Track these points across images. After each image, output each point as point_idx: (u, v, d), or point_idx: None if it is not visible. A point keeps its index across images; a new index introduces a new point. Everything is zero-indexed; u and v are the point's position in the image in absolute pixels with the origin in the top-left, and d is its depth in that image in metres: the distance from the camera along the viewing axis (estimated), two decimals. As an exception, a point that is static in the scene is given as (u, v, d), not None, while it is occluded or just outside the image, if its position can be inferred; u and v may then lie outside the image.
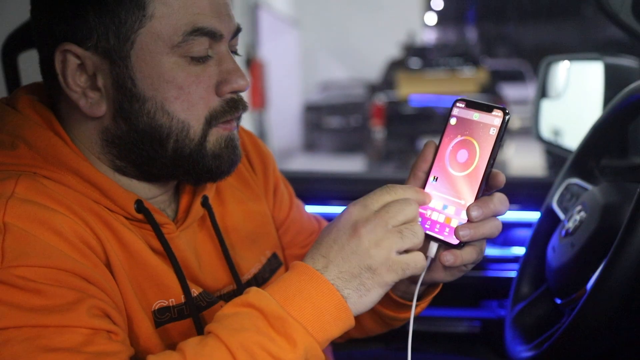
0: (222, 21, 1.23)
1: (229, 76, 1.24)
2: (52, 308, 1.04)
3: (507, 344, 1.63)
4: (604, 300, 1.28)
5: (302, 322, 1.06)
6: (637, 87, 1.53)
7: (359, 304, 1.10)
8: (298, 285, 1.09)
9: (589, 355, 1.78)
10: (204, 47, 1.21)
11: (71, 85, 1.20)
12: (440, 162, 1.21)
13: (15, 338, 1.01)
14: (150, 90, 1.20)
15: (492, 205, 1.17)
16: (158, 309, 1.24)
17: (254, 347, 1.03)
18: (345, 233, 1.11)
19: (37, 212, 1.10)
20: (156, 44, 1.19)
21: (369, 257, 1.09)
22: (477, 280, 2.49)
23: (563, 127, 2.72)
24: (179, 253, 1.29)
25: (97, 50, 1.19)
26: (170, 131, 1.22)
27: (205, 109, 1.23)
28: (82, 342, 1.04)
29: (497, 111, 1.17)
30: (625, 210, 1.34)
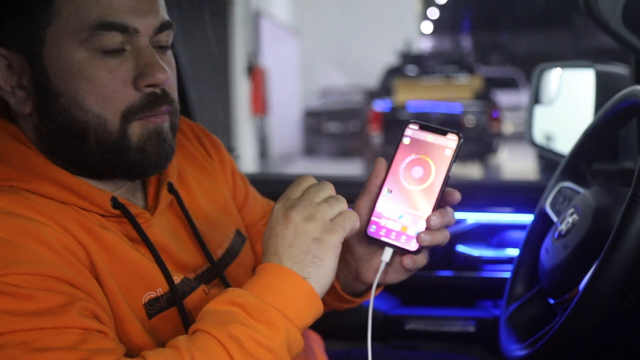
0: (138, 17, 1.22)
1: (146, 70, 1.22)
2: (44, 312, 1.05)
3: (502, 343, 1.63)
4: (596, 300, 1.28)
5: (279, 309, 1.10)
6: (628, 93, 1.53)
7: (320, 276, 1.15)
8: (268, 280, 1.14)
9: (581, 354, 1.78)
10: (116, 41, 1.20)
11: (2, 85, 1.22)
12: (394, 176, 1.29)
13: (11, 342, 1.02)
14: (63, 86, 1.20)
15: (448, 217, 1.25)
16: (148, 301, 1.25)
17: (240, 337, 1.07)
18: (280, 224, 1.17)
19: (21, 223, 1.11)
20: (64, 40, 1.19)
21: (309, 231, 1.15)
22: (472, 280, 2.50)
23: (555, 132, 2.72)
24: (157, 239, 1.31)
25: (18, 49, 1.20)
26: (87, 125, 1.21)
27: (122, 103, 1.22)
28: (78, 340, 1.05)
29: (452, 135, 1.26)
30: (616, 213, 1.34)
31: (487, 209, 2.55)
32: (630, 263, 1.25)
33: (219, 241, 1.48)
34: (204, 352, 1.06)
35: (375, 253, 1.35)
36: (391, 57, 17.00)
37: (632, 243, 1.24)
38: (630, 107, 1.54)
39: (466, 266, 2.51)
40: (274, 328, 1.09)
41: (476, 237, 2.54)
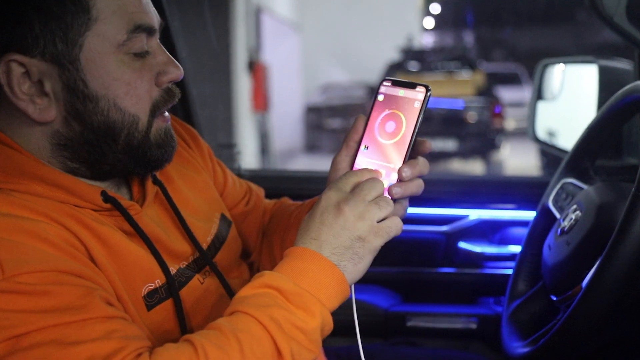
0: (152, 17, 1.27)
1: (166, 67, 1.28)
2: (66, 306, 1.06)
3: (504, 340, 1.63)
4: (599, 297, 1.28)
5: (315, 295, 1.15)
6: (631, 89, 1.53)
7: (354, 271, 1.20)
8: (302, 265, 1.17)
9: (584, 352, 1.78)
10: (143, 43, 1.25)
11: (17, 94, 1.19)
12: (370, 132, 1.32)
13: (41, 341, 1.03)
14: (102, 90, 1.22)
15: (419, 167, 1.27)
16: (147, 293, 1.26)
17: (280, 319, 1.11)
18: (330, 214, 1.20)
19: (20, 223, 1.11)
20: (103, 44, 1.21)
21: (356, 229, 1.19)
22: (474, 277, 2.50)
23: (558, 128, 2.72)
24: (149, 230, 1.32)
25: (44, 56, 1.19)
26: (123, 126, 1.25)
27: (150, 101, 1.28)
28: (107, 329, 1.07)
29: (420, 87, 1.29)
30: (619, 209, 1.33)
31: (489, 206, 2.55)
32: (634, 260, 1.25)
33: (206, 228, 1.50)
34: (247, 333, 1.10)
35: None
36: (393, 53, 17.00)
37: (635, 240, 1.24)
38: (634, 103, 1.53)
39: (468, 263, 2.51)
40: (310, 313, 1.13)
41: (478, 233, 2.54)
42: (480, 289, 2.50)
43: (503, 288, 1.90)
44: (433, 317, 2.42)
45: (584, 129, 1.74)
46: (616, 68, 2.34)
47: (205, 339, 1.08)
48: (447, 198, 1.81)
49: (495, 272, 2.49)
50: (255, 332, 1.10)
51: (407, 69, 15.36)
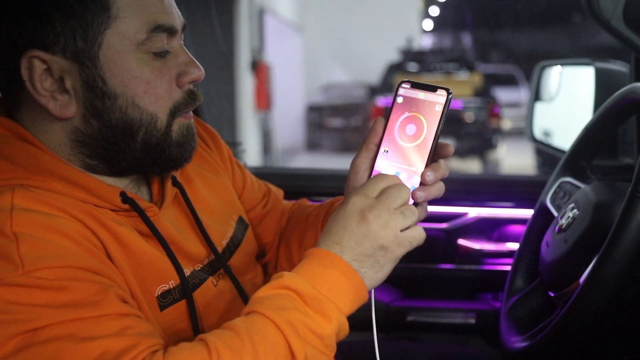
0: (174, 18, 1.26)
1: (187, 68, 1.27)
2: (82, 301, 1.06)
3: (502, 335, 1.63)
4: (596, 293, 1.28)
5: (334, 301, 1.13)
6: (628, 91, 1.53)
7: (374, 279, 1.18)
8: (322, 269, 1.15)
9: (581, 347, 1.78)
10: (163, 42, 1.24)
11: (39, 90, 1.20)
12: (390, 135, 1.30)
13: (57, 335, 1.03)
14: (121, 87, 1.22)
15: (441, 170, 1.25)
16: (161, 293, 1.26)
17: (296, 323, 1.10)
18: (354, 220, 1.18)
19: (41, 219, 1.11)
20: (123, 43, 1.20)
21: (380, 237, 1.17)
22: (473, 273, 2.50)
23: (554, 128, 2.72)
24: (166, 232, 1.32)
25: (64, 54, 1.19)
26: (141, 124, 1.24)
27: (170, 101, 1.27)
28: (121, 326, 1.07)
29: (441, 91, 1.26)
30: (616, 208, 1.34)
31: (488, 204, 2.55)
32: (631, 257, 1.25)
33: (223, 231, 1.48)
34: (262, 336, 1.09)
35: None
36: (393, 54, 16.98)
37: (632, 238, 1.25)
38: (630, 104, 1.54)
39: (467, 259, 2.51)
40: (327, 318, 1.12)
41: (477, 231, 2.54)
42: (479, 285, 2.50)
43: (501, 284, 1.90)
44: (432, 312, 2.42)
45: (581, 130, 1.75)
46: (612, 70, 2.35)
47: (220, 341, 1.08)
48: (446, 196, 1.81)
49: (494, 268, 2.49)
50: (270, 335, 1.09)
51: (406, 69, 15.37)
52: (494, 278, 2.47)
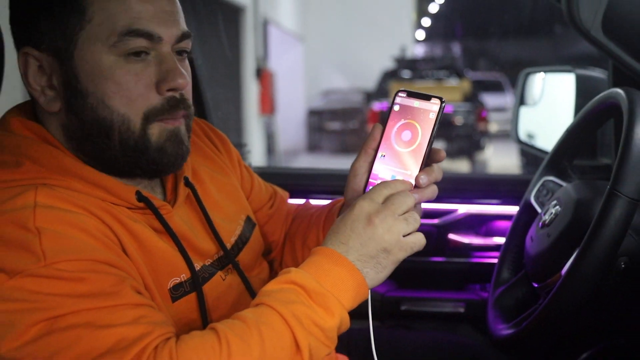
0: (163, 26, 1.22)
1: (168, 75, 1.22)
2: (99, 292, 1.06)
3: (489, 323, 1.63)
4: (577, 284, 1.28)
5: (337, 296, 1.13)
6: (606, 95, 1.53)
7: (375, 279, 1.18)
8: (327, 266, 1.16)
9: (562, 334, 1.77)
10: (141, 46, 1.21)
11: (32, 85, 1.22)
12: (387, 141, 1.29)
13: (75, 323, 1.03)
14: (91, 86, 1.20)
15: (434, 174, 1.26)
16: (173, 286, 1.26)
17: (301, 316, 1.10)
18: (360, 223, 1.18)
19: (62, 215, 1.11)
20: (95, 44, 1.19)
21: (384, 241, 1.17)
22: (462, 265, 2.50)
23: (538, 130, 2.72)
24: (178, 229, 1.31)
25: (49, 51, 1.20)
26: (112, 124, 1.21)
27: (144, 105, 1.22)
28: (136, 315, 1.07)
29: (435, 100, 1.26)
30: (595, 205, 1.34)
31: (476, 201, 2.55)
32: (609, 251, 1.25)
33: (231, 229, 1.48)
34: (269, 326, 1.09)
35: None
36: (388, 62, 16.99)
37: (610, 233, 1.25)
38: (608, 108, 1.54)
39: (457, 253, 2.51)
40: (330, 313, 1.12)
41: (466, 226, 2.54)
42: (468, 277, 2.50)
43: (489, 276, 1.90)
44: (425, 302, 2.42)
45: (563, 132, 1.74)
46: (592, 77, 2.34)
47: (229, 329, 1.08)
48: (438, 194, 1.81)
49: (482, 261, 2.49)
50: (276, 326, 1.09)
51: (400, 76, 15.40)
52: (482, 270, 2.47)
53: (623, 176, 1.25)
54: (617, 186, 1.25)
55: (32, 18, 1.20)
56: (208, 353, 1.04)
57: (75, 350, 1.02)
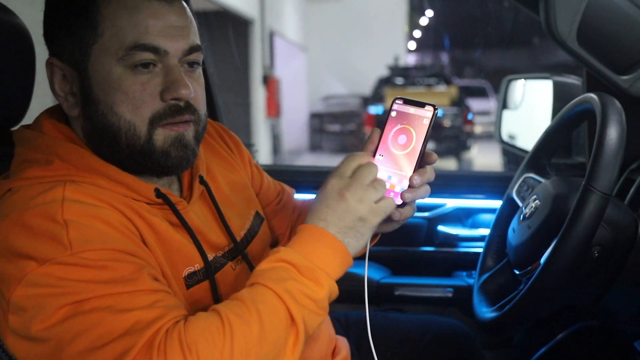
0: (169, 40, 1.21)
1: (172, 85, 1.21)
2: (120, 279, 1.06)
3: (475, 307, 1.63)
4: (554, 271, 1.28)
5: (324, 269, 1.14)
6: (581, 100, 1.52)
7: (357, 246, 1.19)
8: (312, 242, 1.16)
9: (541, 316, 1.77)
10: (148, 59, 1.20)
11: (57, 91, 1.23)
12: (384, 144, 1.28)
13: (98, 307, 1.03)
14: (102, 95, 1.20)
15: (427, 175, 1.26)
16: (187, 274, 1.25)
17: (294, 291, 1.10)
18: (334, 199, 1.18)
19: (87, 209, 1.12)
20: (105, 56, 1.19)
21: (357, 211, 1.18)
22: (450, 254, 2.50)
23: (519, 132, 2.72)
24: (193, 223, 1.31)
25: (69, 62, 1.21)
26: (120, 129, 1.21)
27: (150, 111, 1.21)
28: (152, 300, 1.07)
29: (429, 107, 1.26)
30: (572, 199, 1.33)
31: (463, 196, 2.55)
32: (583, 241, 1.25)
33: (242, 223, 1.47)
34: (265, 304, 1.08)
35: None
36: (382, 70, 16.98)
37: (585, 225, 1.24)
38: (583, 112, 1.53)
39: (445, 243, 2.51)
40: (319, 284, 1.13)
41: (454, 218, 2.54)
42: (455, 264, 2.50)
43: (474, 264, 1.89)
44: (416, 287, 2.42)
45: (542, 133, 1.74)
46: (568, 83, 2.34)
47: (230, 310, 1.07)
48: None
49: (468, 250, 2.49)
50: (272, 303, 1.09)
51: (394, 83, 15.40)
52: (468, 258, 2.47)
53: (597, 173, 1.25)
54: (591, 182, 1.25)
55: (55, 32, 1.21)
56: (213, 333, 1.04)
57: (97, 331, 1.02)
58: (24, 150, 1.25)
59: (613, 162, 1.25)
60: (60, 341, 1.02)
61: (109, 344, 1.01)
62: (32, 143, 1.25)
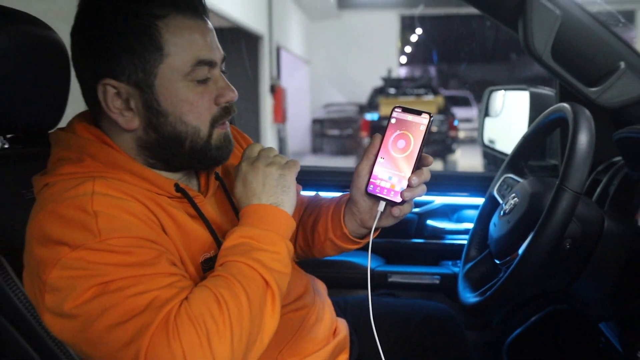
0: (214, 52, 1.25)
1: (223, 91, 1.26)
2: (142, 263, 1.07)
3: (459, 292, 1.63)
4: (531, 261, 1.28)
5: (275, 231, 1.19)
6: (555, 109, 1.53)
7: (290, 199, 1.24)
8: (257, 216, 1.20)
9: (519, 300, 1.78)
10: (205, 72, 1.23)
11: (111, 108, 1.21)
12: (385, 148, 1.30)
13: (122, 286, 1.04)
14: (171, 108, 1.21)
15: (424, 175, 1.28)
16: (204, 260, 1.26)
17: (260, 258, 1.14)
18: (250, 174, 1.24)
19: (114, 201, 1.12)
20: (172, 74, 1.20)
21: (273, 171, 1.24)
22: (437, 246, 2.49)
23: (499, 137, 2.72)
24: (209, 215, 1.31)
25: (129, 82, 1.19)
26: (187, 135, 1.24)
27: (209, 116, 1.25)
28: (169, 282, 1.08)
29: (425, 115, 1.27)
30: (547, 197, 1.33)
31: (449, 193, 2.55)
32: (557, 235, 1.25)
33: None
34: (243, 276, 1.11)
35: (373, 205, 1.37)
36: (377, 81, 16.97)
37: (558, 220, 1.25)
38: (556, 119, 1.54)
39: (433, 235, 2.51)
40: (277, 245, 1.17)
41: (441, 214, 2.54)
42: (442, 255, 2.50)
43: (459, 254, 1.89)
44: (407, 275, 2.41)
45: (520, 138, 1.74)
46: (542, 94, 2.34)
47: (219, 286, 1.09)
48: None
49: (454, 242, 2.48)
50: (248, 274, 1.11)
51: (387, 92, 15.41)
52: (454, 249, 2.46)
53: (569, 174, 1.25)
54: (564, 182, 1.25)
55: (113, 56, 1.19)
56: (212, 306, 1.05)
57: (121, 307, 1.03)
58: (59, 150, 1.26)
59: (583, 164, 1.25)
60: (89, 317, 1.03)
61: (131, 320, 1.02)
62: (66, 143, 1.25)
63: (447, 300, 2.38)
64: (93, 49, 1.20)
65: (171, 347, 1.00)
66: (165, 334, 1.01)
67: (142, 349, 1.00)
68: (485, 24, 16.66)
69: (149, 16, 1.18)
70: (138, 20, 1.18)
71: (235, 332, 1.05)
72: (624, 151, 1.63)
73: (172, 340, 1.00)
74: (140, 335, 1.01)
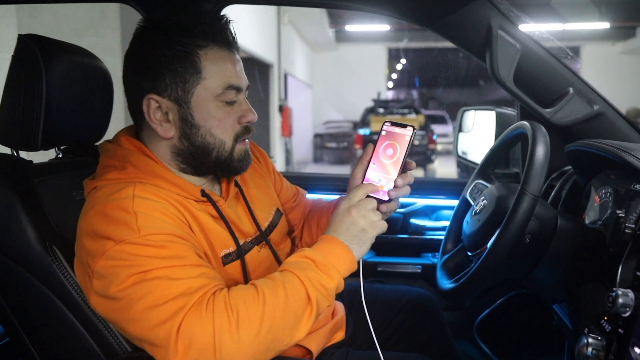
0: (241, 80, 1.26)
1: (246, 112, 1.27)
2: (175, 256, 1.07)
3: (437, 280, 1.63)
4: (497, 253, 1.28)
5: (335, 266, 1.14)
6: (516, 126, 1.53)
7: (360, 251, 1.20)
8: (328, 247, 1.17)
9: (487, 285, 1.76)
10: (232, 95, 1.24)
11: (153, 120, 1.22)
12: (376, 155, 1.30)
13: (158, 276, 1.04)
14: (202, 122, 1.22)
15: (407, 178, 1.28)
16: (224, 255, 1.26)
17: (312, 279, 1.11)
18: (343, 215, 1.21)
19: (151, 203, 1.13)
20: (206, 94, 1.21)
21: (360, 224, 1.19)
22: (419, 240, 2.49)
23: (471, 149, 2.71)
24: (229, 216, 1.31)
25: (170, 98, 1.21)
26: (214, 146, 1.24)
27: (233, 132, 1.26)
28: (199, 272, 1.08)
29: (409, 127, 1.28)
30: (510, 200, 1.33)
31: (429, 196, 2.54)
32: (519, 231, 1.25)
33: (266, 217, 1.48)
34: (290, 284, 1.10)
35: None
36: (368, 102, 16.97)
37: (520, 218, 1.25)
38: (518, 135, 1.54)
39: (416, 232, 2.50)
40: (331, 277, 1.14)
41: (422, 213, 2.54)
42: (423, 248, 2.49)
43: (438, 247, 1.90)
44: (394, 265, 2.41)
45: (488, 150, 1.74)
46: (506, 113, 2.34)
47: (264, 284, 1.09)
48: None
49: (433, 237, 2.48)
50: (295, 284, 1.10)
51: (377, 112, 15.43)
52: (433, 243, 2.46)
53: (529, 180, 1.25)
54: (525, 187, 1.25)
55: (159, 75, 1.20)
56: (250, 299, 1.05)
57: (157, 293, 1.03)
58: (106, 159, 1.26)
59: (541, 172, 1.25)
60: (130, 300, 1.04)
61: (167, 303, 1.02)
62: (112, 153, 1.26)
63: (427, 286, 2.38)
64: (142, 68, 1.21)
65: (204, 325, 1.00)
66: (199, 315, 1.01)
67: (175, 326, 1.01)
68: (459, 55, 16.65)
69: (193, 45, 1.20)
70: (184, 48, 1.19)
71: (265, 325, 1.04)
72: (573, 161, 1.64)
73: (206, 319, 1.01)
74: (174, 316, 1.01)
